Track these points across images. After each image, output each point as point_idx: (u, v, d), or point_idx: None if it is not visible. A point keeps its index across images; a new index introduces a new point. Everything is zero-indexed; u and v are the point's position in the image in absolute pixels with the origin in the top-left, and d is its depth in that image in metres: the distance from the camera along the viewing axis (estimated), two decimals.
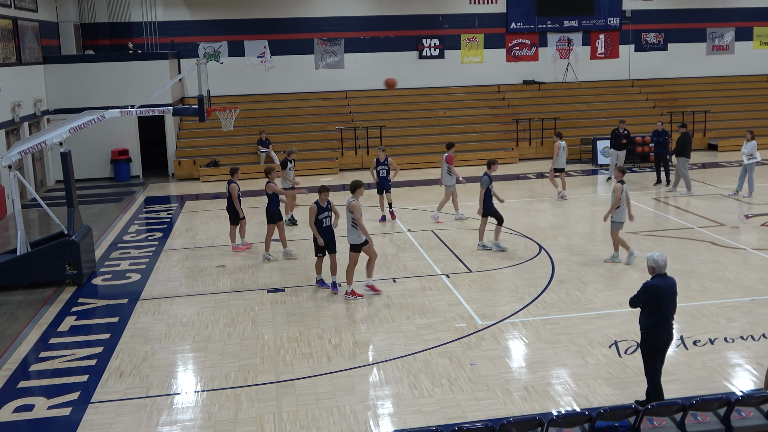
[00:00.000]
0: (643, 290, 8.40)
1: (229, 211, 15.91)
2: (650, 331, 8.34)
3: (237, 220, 15.90)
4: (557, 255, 14.86)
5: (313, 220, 12.84)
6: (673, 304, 8.39)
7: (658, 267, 8.36)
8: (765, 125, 28.21)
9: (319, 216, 12.88)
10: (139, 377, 9.99)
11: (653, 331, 8.32)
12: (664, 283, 8.33)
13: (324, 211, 12.95)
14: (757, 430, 7.50)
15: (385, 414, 8.85)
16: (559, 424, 7.19)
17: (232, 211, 15.81)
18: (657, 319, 8.30)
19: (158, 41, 27.74)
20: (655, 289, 8.30)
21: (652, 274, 8.41)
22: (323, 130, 27.45)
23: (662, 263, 8.36)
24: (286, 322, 11.80)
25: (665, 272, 8.40)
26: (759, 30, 32.25)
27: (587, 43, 30.93)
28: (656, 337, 8.33)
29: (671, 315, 8.36)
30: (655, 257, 8.38)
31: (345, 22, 29.18)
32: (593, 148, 25.74)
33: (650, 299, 8.33)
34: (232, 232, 16.09)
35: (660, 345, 8.37)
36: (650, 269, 8.42)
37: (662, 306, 8.28)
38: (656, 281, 8.34)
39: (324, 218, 12.97)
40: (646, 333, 8.40)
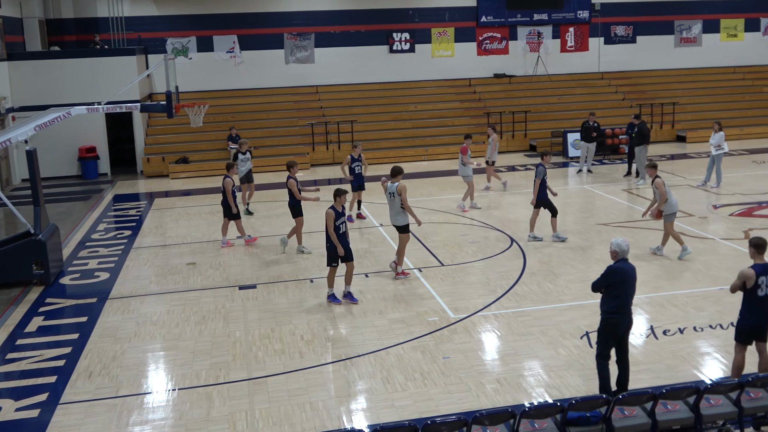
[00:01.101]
0: (606, 273, 8.53)
1: (223, 205, 15.78)
2: (612, 314, 8.47)
3: (231, 214, 15.74)
4: (529, 247, 14.92)
5: (332, 226, 11.81)
6: (633, 290, 8.58)
7: (621, 252, 8.55)
8: (732, 116, 28.58)
9: (336, 222, 11.88)
10: (109, 377, 9.87)
11: (615, 315, 8.46)
12: (627, 267, 8.53)
13: (341, 216, 12.01)
14: (725, 417, 7.59)
15: (359, 409, 8.83)
16: (531, 416, 7.21)
17: (226, 205, 15.68)
18: (619, 303, 8.44)
19: (125, 37, 27.39)
20: (620, 271, 8.47)
21: (615, 258, 8.60)
22: (294, 126, 27.32)
23: (625, 248, 8.56)
24: (258, 318, 11.72)
25: (627, 258, 8.57)
26: (726, 22, 32.61)
27: (557, 36, 31.08)
28: (617, 322, 8.48)
29: (631, 301, 8.54)
30: (619, 242, 8.58)
31: (315, 16, 29.03)
32: (564, 141, 25.88)
33: (613, 282, 8.48)
34: (225, 225, 15.96)
35: (620, 330, 8.51)
36: (613, 254, 8.60)
37: (625, 289, 8.45)
38: (619, 264, 8.48)
39: (341, 224, 12.00)
40: (607, 317, 8.52)
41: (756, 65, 32.78)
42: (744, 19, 32.73)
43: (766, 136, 28.22)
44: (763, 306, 8.47)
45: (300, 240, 15.30)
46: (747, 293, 8.47)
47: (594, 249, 14.69)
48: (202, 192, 21.93)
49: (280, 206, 19.42)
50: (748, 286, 8.41)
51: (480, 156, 22.20)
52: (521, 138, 27.57)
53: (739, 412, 7.57)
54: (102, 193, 22.61)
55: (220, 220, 18.07)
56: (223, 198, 15.72)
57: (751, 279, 8.36)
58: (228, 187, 15.51)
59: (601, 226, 16.33)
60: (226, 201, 15.63)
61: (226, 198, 15.55)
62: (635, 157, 21.02)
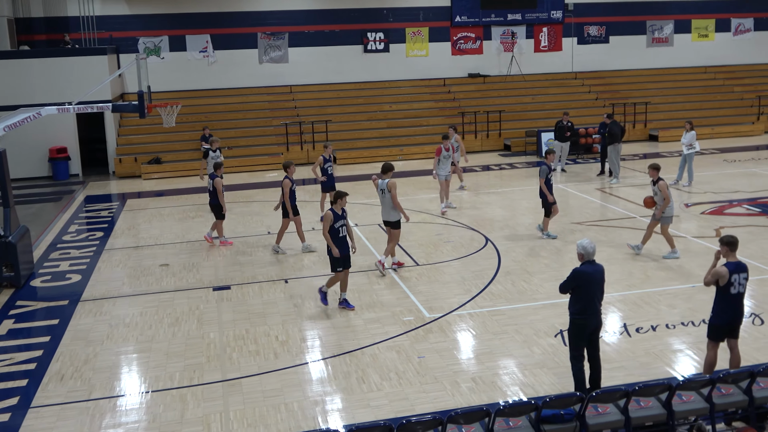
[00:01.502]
0: (571, 276, 8.56)
1: (213, 205, 15.61)
2: (579, 316, 8.51)
3: (221, 214, 15.65)
4: (503, 246, 14.98)
5: (327, 228, 11.53)
6: (600, 291, 8.58)
7: (587, 254, 8.54)
8: (703, 116, 28.92)
9: (335, 224, 11.58)
10: (81, 380, 9.76)
11: (581, 316, 8.50)
12: (592, 269, 8.53)
13: (340, 219, 11.66)
14: (697, 413, 7.67)
15: (334, 409, 8.80)
16: (506, 414, 7.23)
17: (216, 205, 15.53)
18: (584, 305, 8.47)
19: (96, 36, 27.08)
20: (585, 275, 8.47)
21: (581, 260, 8.60)
22: (268, 126, 27.20)
23: (591, 250, 8.54)
24: (232, 320, 11.65)
25: (594, 259, 8.56)
26: (697, 22, 32.98)
27: (531, 36, 31.23)
28: (584, 323, 8.51)
29: (598, 301, 8.55)
30: (584, 244, 8.56)
31: (289, 15, 28.92)
32: (538, 140, 26.00)
33: (579, 285, 8.50)
34: (219, 226, 15.83)
35: (587, 330, 8.54)
36: (579, 256, 8.61)
37: (590, 292, 8.46)
38: (585, 267, 8.52)
39: (340, 227, 11.67)
40: (574, 318, 8.57)
41: (726, 65, 33.19)
42: (715, 19, 33.13)
43: (736, 135, 28.59)
44: (736, 304, 8.56)
45: (280, 240, 15.25)
46: (720, 291, 8.55)
47: (568, 248, 14.76)
48: (175, 193, 21.76)
49: (254, 206, 19.34)
50: (721, 284, 8.50)
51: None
52: (495, 138, 27.67)
53: (710, 408, 7.65)
54: (73, 194, 22.35)
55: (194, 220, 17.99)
56: (212, 198, 15.52)
57: (724, 277, 8.45)
58: (219, 187, 15.36)
59: (575, 225, 16.43)
60: (216, 201, 15.46)
61: (217, 198, 15.38)
62: (608, 156, 21.18)
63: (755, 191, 18.91)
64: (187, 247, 15.86)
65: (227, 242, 15.86)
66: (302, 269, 14.07)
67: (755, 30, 33.60)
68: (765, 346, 9.98)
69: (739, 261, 8.60)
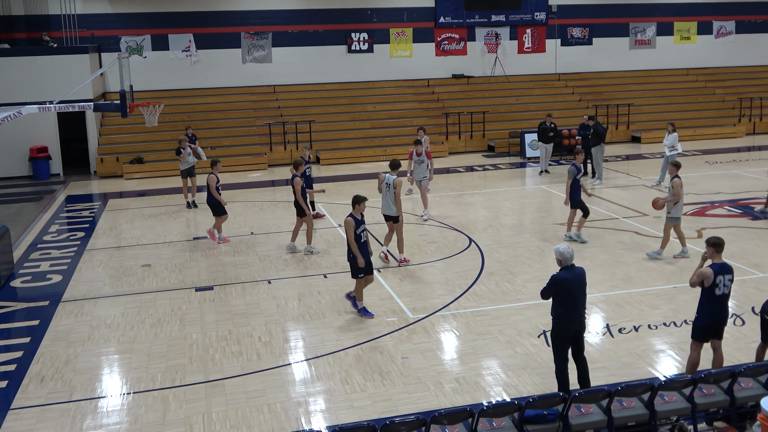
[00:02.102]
0: (550, 282, 8.54)
1: (212, 204, 15.63)
2: (560, 320, 8.50)
3: (222, 211, 15.70)
4: (487, 247, 15.00)
5: (352, 236, 11.15)
6: (582, 294, 8.53)
7: (565, 259, 8.49)
8: (685, 118, 29.13)
9: (357, 230, 11.23)
10: (62, 381, 9.67)
11: (562, 320, 8.48)
12: (571, 274, 8.47)
13: (361, 225, 11.33)
14: (679, 413, 7.71)
15: (317, 410, 8.77)
16: (489, 414, 7.23)
17: (216, 203, 15.57)
18: (565, 309, 8.45)
19: (78, 35, 26.86)
20: (562, 281, 8.44)
21: (560, 266, 8.55)
22: (251, 126, 27.10)
23: (568, 255, 8.49)
24: (214, 320, 11.59)
25: (572, 263, 8.54)
26: (679, 25, 33.22)
27: (514, 37, 31.32)
28: (565, 327, 8.49)
29: (581, 305, 8.51)
30: (561, 250, 8.53)
31: (272, 15, 28.83)
32: (521, 141, 26.06)
33: (558, 290, 8.48)
34: (218, 223, 15.87)
35: (569, 334, 8.52)
36: (557, 261, 8.57)
37: (570, 297, 8.43)
38: (563, 273, 8.48)
39: (361, 232, 11.33)
40: (555, 322, 8.56)
41: (708, 67, 33.46)
42: (697, 22, 33.38)
43: (718, 137, 28.82)
44: (720, 304, 8.60)
45: (294, 237, 15.18)
46: (705, 292, 8.59)
47: (551, 249, 14.75)
48: (158, 192, 21.62)
49: (237, 206, 19.26)
50: (706, 285, 8.54)
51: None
52: (479, 138, 27.73)
53: (692, 408, 7.69)
54: (54, 193, 22.16)
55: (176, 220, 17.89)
56: (207, 196, 15.62)
57: (708, 278, 8.49)
58: (212, 183, 15.38)
59: (558, 225, 16.48)
60: (211, 199, 15.56)
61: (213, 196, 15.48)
62: (592, 158, 21.22)
63: (736, 193, 19.05)
64: (169, 248, 15.76)
65: (224, 240, 15.89)
66: (285, 270, 14.02)
67: (737, 33, 33.89)
68: (746, 346, 10.05)
69: (724, 262, 8.65)
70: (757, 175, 20.69)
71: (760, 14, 34.09)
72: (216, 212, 15.76)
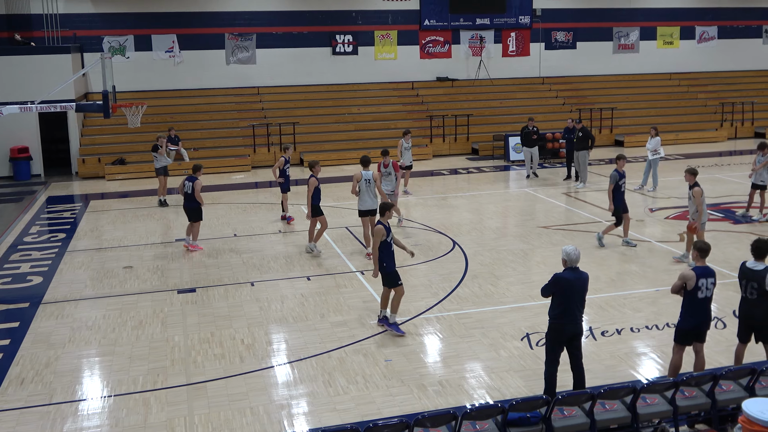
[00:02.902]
0: (552, 281, 8.54)
1: (189, 209, 15.32)
2: (556, 321, 8.51)
3: (198, 216, 15.40)
4: (470, 250, 15.01)
5: (378, 244, 10.69)
6: (581, 299, 8.51)
7: (570, 260, 8.49)
8: (668, 122, 29.33)
9: (387, 238, 10.78)
10: (42, 384, 9.56)
11: (559, 321, 8.49)
12: (573, 276, 8.47)
13: (390, 232, 10.89)
14: (661, 415, 7.73)
15: (300, 413, 8.73)
16: (472, 417, 7.22)
17: (193, 208, 15.26)
18: (562, 310, 8.45)
19: (60, 34, 26.65)
20: (563, 281, 8.44)
21: (564, 266, 8.55)
22: (235, 127, 27.01)
23: (574, 257, 8.49)
24: (197, 323, 11.51)
25: (577, 266, 8.53)
26: (662, 30, 33.45)
27: (499, 40, 31.41)
28: (561, 328, 8.49)
29: (578, 308, 8.49)
30: (568, 251, 8.52)
31: (256, 16, 28.75)
32: (505, 145, 26.14)
33: (558, 290, 8.48)
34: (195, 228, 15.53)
35: (564, 336, 8.52)
36: (563, 261, 8.57)
37: (569, 298, 8.43)
38: (566, 273, 8.48)
39: (390, 240, 10.89)
40: (552, 322, 8.57)
41: (691, 72, 33.72)
42: (680, 27, 33.64)
43: (700, 141, 29.01)
44: (703, 308, 8.64)
45: (311, 238, 14.97)
46: (687, 295, 8.63)
47: (534, 252, 14.85)
48: (140, 194, 21.48)
49: (221, 208, 19.18)
50: (689, 288, 8.58)
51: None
52: (463, 141, 27.78)
53: (674, 410, 7.71)
54: (35, 194, 21.96)
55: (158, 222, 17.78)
56: (187, 201, 15.24)
57: (691, 280, 8.53)
58: (199, 188, 15.15)
59: (542, 229, 16.53)
60: (191, 204, 15.20)
61: (194, 201, 15.13)
62: (579, 161, 21.18)
63: (718, 197, 19.18)
64: (151, 249, 15.66)
65: (198, 247, 15.56)
66: (268, 272, 13.97)
67: (719, 38, 34.18)
68: (727, 349, 10.10)
69: (707, 266, 8.69)
70: (739, 180, 20.85)
71: (742, 20, 34.41)
72: (195, 218, 15.45)
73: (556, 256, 14.18)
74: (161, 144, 19.60)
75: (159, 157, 19.55)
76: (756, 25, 34.76)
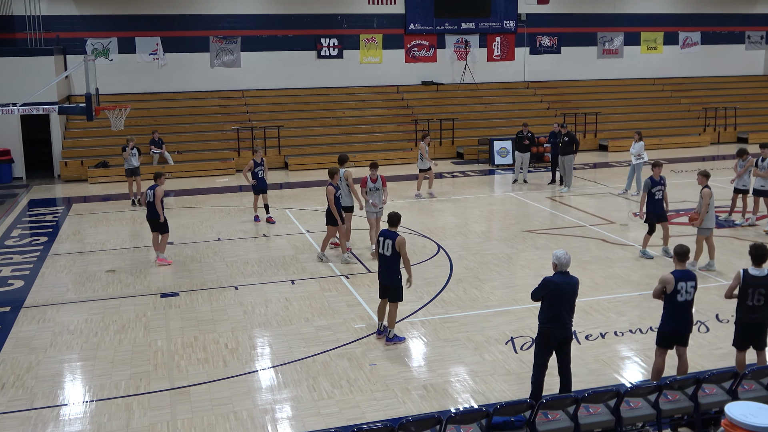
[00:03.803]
0: (541, 284, 8.55)
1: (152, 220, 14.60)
2: (545, 324, 8.50)
3: (160, 226, 14.59)
4: (455, 254, 15.01)
5: (406, 252, 10.60)
6: (570, 303, 8.50)
7: (560, 264, 8.49)
8: (652, 126, 29.49)
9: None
10: (23, 389, 9.47)
11: (548, 325, 8.48)
12: (563, 280, 8.47)
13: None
14: (644, 419, 7.75)
15: (284, 418, 8.69)
16: (457, 421, 7.21)
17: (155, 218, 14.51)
18: (552, 314, 8.45)
19: (42, 36, 26.46)
20: (553, 284, 8.45)
21: (555, 270, 8.56)
22: (219, 130, 26.90)
23: (564, 261, 8.49)
24: (180, 327, 11.44)
25: (568, 271, 8.53)
26: (646, 35, 33.67)
27: (484, 45, 31.49)
28: (550, 332, 8.48)
29: (567, 313, 8.48)
30: (558, 255, 8.52)
31: (241, 19, 28.67)
32: (490, 149, 26.19)
33: (548, 294, 8.48)
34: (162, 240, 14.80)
35: (553, 341, 8.51)
36: (553, 265, 8.57)
37: (559, 302, 8.42)
38: (555, 277, 8.49)
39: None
40: (541, 326, 8.56)
41: (674, 77, 33.95)
42: (663, 32, 33.88)
43: (683, 146, 29.21)
44: (683, 311, 8.67)
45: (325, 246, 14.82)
46: (667, 299, 8.66)
47: (519, 256, 14.88)
48: (123, 197, 21.30)
49: (204, 211, 19.09)
50: (668, 291, 8.61)
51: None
52: (448, 145, 27.81)
53: (657, 414, 7.74)
54: (16, 197, 21.76)
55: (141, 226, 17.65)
56: (150, 211, 14.57)
57: (670, 284, 8.56)
58: (160, 195, 14.50)
59: (526, 233, 16.57)
60: (153, 214, 14.51)
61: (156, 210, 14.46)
62: (564, 165, 21.20)
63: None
64: (134, 253, 15.55)
65: (166, 261, 14.76)
66: (252, 275, 13.91)
67: (702, 44, 34.45)
68: (710, 353, 10.16)
69: (687, 269, 8.73)
70: (722, 184, 20.96)
71: (725, 26, 34.70)
72: (160, 229, 14.66)
73: (541, 260, 14.27)
74: (130, 146, 19.82)
75: (126, 159, 19.86)
76: (738, 31, 35.07)
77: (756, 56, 35.55)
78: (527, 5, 31.63)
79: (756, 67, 35.69)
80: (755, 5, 35.04)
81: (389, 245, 10.51)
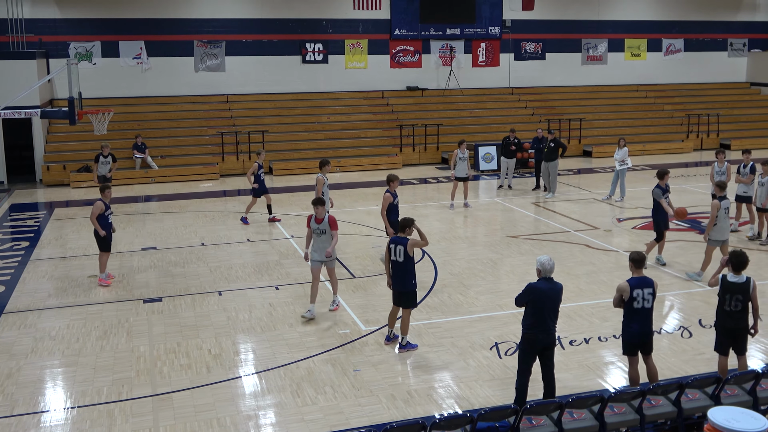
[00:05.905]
0: (525, 290, 8.55)
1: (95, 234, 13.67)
2: (529, 330, 8.50)
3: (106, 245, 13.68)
4: (440, 259, 15.01)
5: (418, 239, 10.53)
6: (554, 309, 8.50)
7: (544, 270, 8.48)
8: (635, 133, 29.67)
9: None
10: (3, 395, 9.37)
11: (531, 331, 8.48)
12: (546, 286, 8.46)
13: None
14: (628, 424, 7.78)
15: (267, 424, 8.64)
16: (441, 427, 7.19)
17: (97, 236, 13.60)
18: (534, 321, 8.45)
19: (25, 39, 26.25)
20: (537, 290, 8.44)
21: (538, 276, 8.56)
22: (203, 135, 26.79)
23: (548, 267, 8.48)
24: (163, 332, 11.36)
25: (552, 277, 8.52)
26: (630, 42, 33.88)
27: (469, 51, 31.57)
28: (533, 338, 8.48)
29: (550, 319, 8.47)
30: (542, 261, 8.52)
31: (226, 24, 28.58)
32: (475, 154, 26.22)
33: (531, 300, 8.48)
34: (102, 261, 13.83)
35: (537, 346, 8.51)
36: (537, 271, 8.56)
37: (542, 308, 8.42)
38: (539, 283, 8.48)
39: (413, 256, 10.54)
40: (524, 332, 8.56)
41: (658, 84, 34.17)
42: (647, 39, 34.09)
43: (667, 152, 29.38)
44: (641, 318, 8.64)
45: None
46: (626, 306, 8.69)
47: (504, 261, 14.89)
48: None
49: (187, 216, 18.99)
50: (624, 299, 8.65)
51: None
52: (433, 150, 27.82)
53: (641, 419, 7.76)
54: None
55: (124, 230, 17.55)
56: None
57: (626, 291, 8.59)
58: (96, 211, 13.48)
59: (510, 238, 16.59)
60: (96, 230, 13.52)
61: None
62: (549, 171, 21.24)
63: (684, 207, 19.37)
64: (117, 258, 15.42)
65: (106, 281, 13.76)
66: (236, 281, 13.84)
67: (685, 51, 34.70)
68: (693, 358, 10.21)
69: (644, 276, 8.72)
70: (705, 190, 21.12)
71: (708, 33, 34.99)
72: (99, 246, 13.73)
73: (525, 266, 14.29)
74: (103, 152, 20.21)
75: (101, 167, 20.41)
76: (721, 38, 35.37)
77: (738, 63, 35.86)
78: (512, 11, 31.74)
79: (738, 74, 35.99)
80: (737, 13, 35.37)
81: (401, 251, 10.35)
